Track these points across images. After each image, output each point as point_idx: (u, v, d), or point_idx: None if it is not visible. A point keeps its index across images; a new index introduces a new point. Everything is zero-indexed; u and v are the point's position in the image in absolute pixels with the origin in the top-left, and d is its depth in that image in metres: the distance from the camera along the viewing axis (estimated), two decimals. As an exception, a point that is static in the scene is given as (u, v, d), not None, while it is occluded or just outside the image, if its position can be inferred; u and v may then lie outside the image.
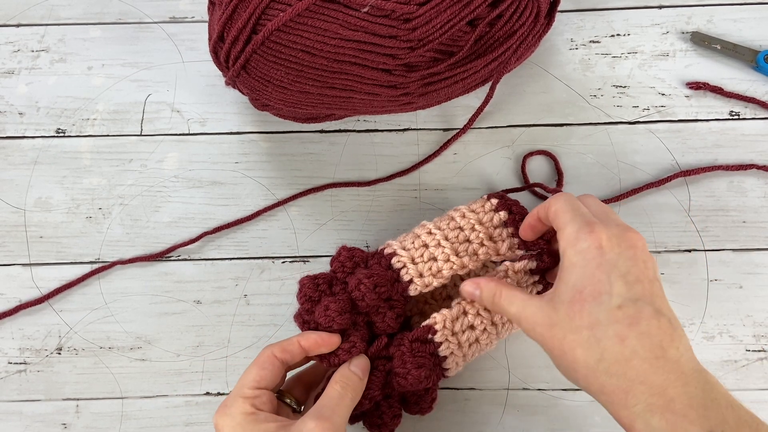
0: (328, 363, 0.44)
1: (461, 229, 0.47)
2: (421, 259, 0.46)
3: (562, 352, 0.37)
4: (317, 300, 0.45)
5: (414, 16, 0.46)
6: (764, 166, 0.55)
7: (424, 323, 0.45)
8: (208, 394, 0.53)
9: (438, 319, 0.45)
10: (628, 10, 0.60)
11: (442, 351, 0.45)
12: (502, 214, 0.47)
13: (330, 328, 0.44)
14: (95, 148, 0.58)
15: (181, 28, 0.60)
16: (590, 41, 0.59)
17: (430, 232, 0.47)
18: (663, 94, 0.58)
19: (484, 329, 0.46)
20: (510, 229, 0.47)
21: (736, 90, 0.57)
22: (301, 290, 0.46)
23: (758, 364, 0.52)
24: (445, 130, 0.58)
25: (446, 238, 0.46)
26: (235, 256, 0.55)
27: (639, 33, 0.59)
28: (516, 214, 0.47)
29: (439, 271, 0.45)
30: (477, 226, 0.47)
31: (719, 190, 0.55)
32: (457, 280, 0.51)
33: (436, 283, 0.45)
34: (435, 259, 0.46)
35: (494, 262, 0.49)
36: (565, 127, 0.57)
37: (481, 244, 0.46)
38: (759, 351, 0.52)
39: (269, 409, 0.40)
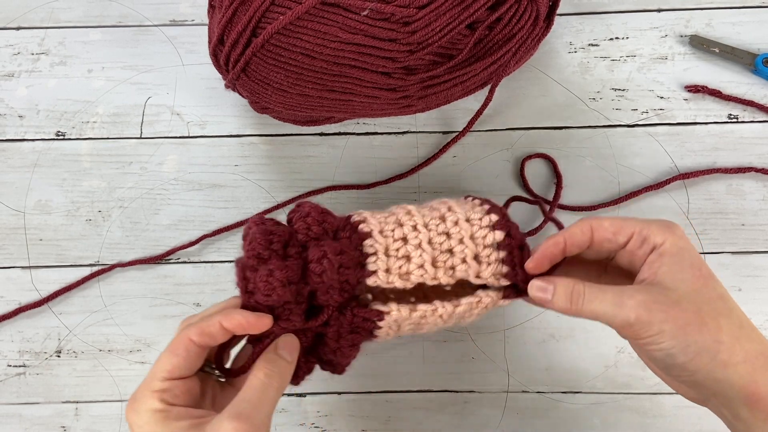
0: (260, 345, 0.39)
1: (449, 236, 0.42)
2: (396, 253, 0.41)
3: (702, 324, 0.35)
4: (266, 259, 0.39)
5: (413, 20, 0.46)
6: (762, 168, 0.55)
7: (376, 307, 0.40)
8: (207, 396, 0.53)
9: (393, 315, 0.40)
10: (626, 13, 0.60)
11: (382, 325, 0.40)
12: (498, 235, 0.41)
13: (268, 298, 0.38)
14: (95, 151, 0.58)
15: (181, 31, 0.61)
16: (589, 44, 0.59)
17: (415, 227, 0.41)
18: (662, 97, 0.58)
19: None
20: (501, 254, 0.41)
21: (734, 93, 0.57)
22: (251, 243, 0.39)
23: (757, 367, 0.52)
24: (444, 132, 0.58)
25: (429, 242, 0.41)
26: (235, 259, 0.55)
27: (638, 36, 0.59)
28: (513, 239, 0.42)
29: (408, 273, 0.40)
30: (466, 240, 0.41)
31: (718, 192, 0.55)
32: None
33: (398, 284, 0.40)
34: (409, 259, 0.41)
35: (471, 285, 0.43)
36: (564, 130, 0.57)
37: (463, 261, 0.41)
38: (758, 354, 0.52)
39: (185, 401, 0.35)
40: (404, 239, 0.41)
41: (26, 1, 0.61)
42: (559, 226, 0.47)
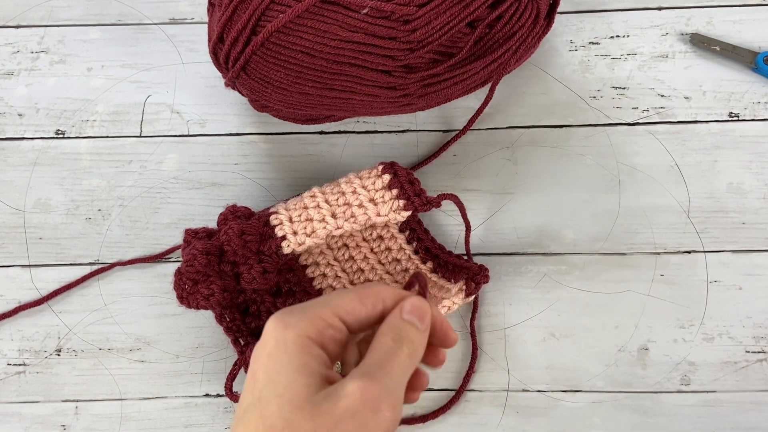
0: (187, 304, 0.47)
1: (343, 193, 0.48)
2: (299, 218, 0.47)
3: None
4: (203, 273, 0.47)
5: (414, 18, 0.46)
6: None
7: None
8: (207, 395, 0.53)
9: None
10: (627, 11, 0.60)
11: None
12: (386, 177, 0.48)
13: (250, 283, 0.47)
14: (95, 150, 0.58)
15: (181, 29, 0.60)
16: (590, 43, 0.59)
17: (313, 196, 0.49)
18: (662, 96, 0.58)
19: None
20: (394, 191, 0.48)
21: (735, 91, 0.57)
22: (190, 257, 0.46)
23: (758, 366, 0.52)
24: (444, 131, 0.58)
25: (326, 201, 0.48)
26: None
27: (638, 34, 0.59)
28: (400, 176, 0.48)
29: (314, 231, 0.47)
30: (359, 189, 0.48)
31: (719, 191, 0.55)
32: (359, 241, 0.53)
33: (309, 242, 0.47)
34: (311, 220, 0.47)
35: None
36: (564, 128, 0.57)
37: (360, 206, 0.48)
38: (759, 352, 0.52)
39: (331, 353, 0.31)
40: (305, 207, 0.48)
41: (26, -1, 0.61)
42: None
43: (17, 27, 0.61)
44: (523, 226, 0.55)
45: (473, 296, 0.50)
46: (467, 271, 0.50)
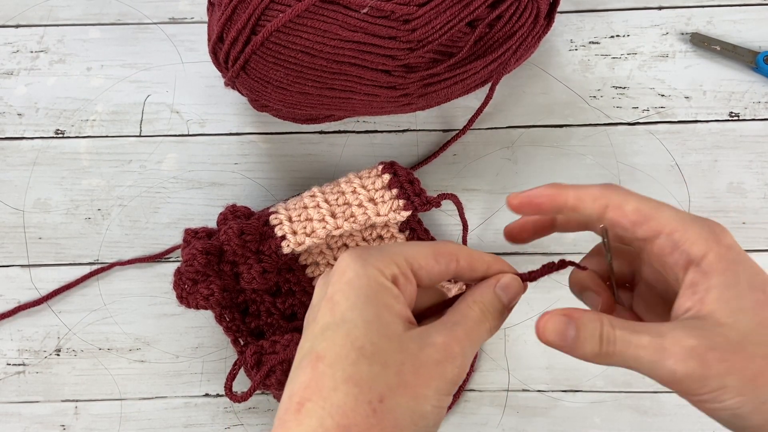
0: (187, 304, 0.47)
1: (343, 193, 0.49)
2: (298, 218, 0.48)
3: (757, 375, 0.26)
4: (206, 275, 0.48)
5: (413, 17, 0.46)
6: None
7: None
8: (207, 395, 0.53)
9: None
10: (627, 11, 0.60)
11: None
12: (386, 177, 0.49)
13: (251, 283, 0.47)
14: (94, 149, 0.58)
15: (181, 29, 0.60)
16: (590, 42, 0.59)
17: (313, 195, 0.49)
18: (662, 95, 0.58)
19: None
20: (394, 191, 0.48)
21: (735, 91, 0.57)
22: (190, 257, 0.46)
23: (758, 366, 0.52)
24: (444, 131, 0.58)
25: (326, 201, 0.48)
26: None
27: (638, 34, 0.59)
28: (400, 176, 0.49)
29: (314, 231, 0.47)
30: (359, 189, 0.48)
31: (719, 190, 0.55)
32: (359, 241, 0.52)
33: (309, 242, 0.47)
34: (311, 219, 0.48)
35: (381, 237, 0.52)
36: (564, 128, 0.57)
37: (360, 206, 0.48)
38: (759, 352, 0.52)
39: (403, 304, 0.30)
40: (305, 207, 0.48)
41: (25, -2, 0.61)
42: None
43: (17, 26, 0.61)
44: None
45: None
46: None
